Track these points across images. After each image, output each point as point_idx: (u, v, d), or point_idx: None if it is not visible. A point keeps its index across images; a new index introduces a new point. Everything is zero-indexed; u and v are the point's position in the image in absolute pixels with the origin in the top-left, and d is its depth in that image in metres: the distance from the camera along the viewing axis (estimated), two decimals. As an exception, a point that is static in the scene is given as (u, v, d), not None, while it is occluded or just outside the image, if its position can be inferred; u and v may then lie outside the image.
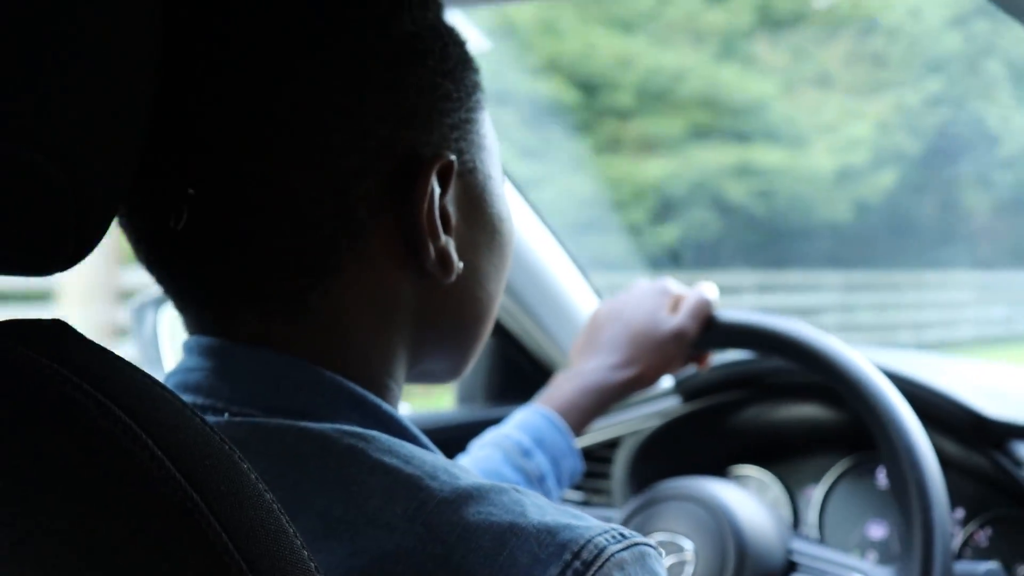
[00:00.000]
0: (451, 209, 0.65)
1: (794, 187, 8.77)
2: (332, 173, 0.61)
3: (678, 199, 8.38)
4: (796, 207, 8.95)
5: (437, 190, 0.62)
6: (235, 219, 0.61)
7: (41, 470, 0.44)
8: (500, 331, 1.48)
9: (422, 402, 0.64)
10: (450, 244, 0.64)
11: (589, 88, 8.02)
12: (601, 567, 0.53)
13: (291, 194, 0.61)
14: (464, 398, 1.59)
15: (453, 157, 0.64)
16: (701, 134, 8.36)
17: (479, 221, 0.69)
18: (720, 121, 8.54)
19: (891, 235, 9.06)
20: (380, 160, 0.62)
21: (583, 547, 0.54)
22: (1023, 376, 1.32)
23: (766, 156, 8.36)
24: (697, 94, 8.27)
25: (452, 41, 0.66)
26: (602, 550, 0.54)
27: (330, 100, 0.61)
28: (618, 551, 0.55)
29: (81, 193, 0.49)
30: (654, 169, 8.33)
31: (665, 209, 8.30)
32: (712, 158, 8.44)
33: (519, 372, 1.52)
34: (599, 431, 1.34)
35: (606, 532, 0.56)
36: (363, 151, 0.61)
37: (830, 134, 8.82)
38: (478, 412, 1.48)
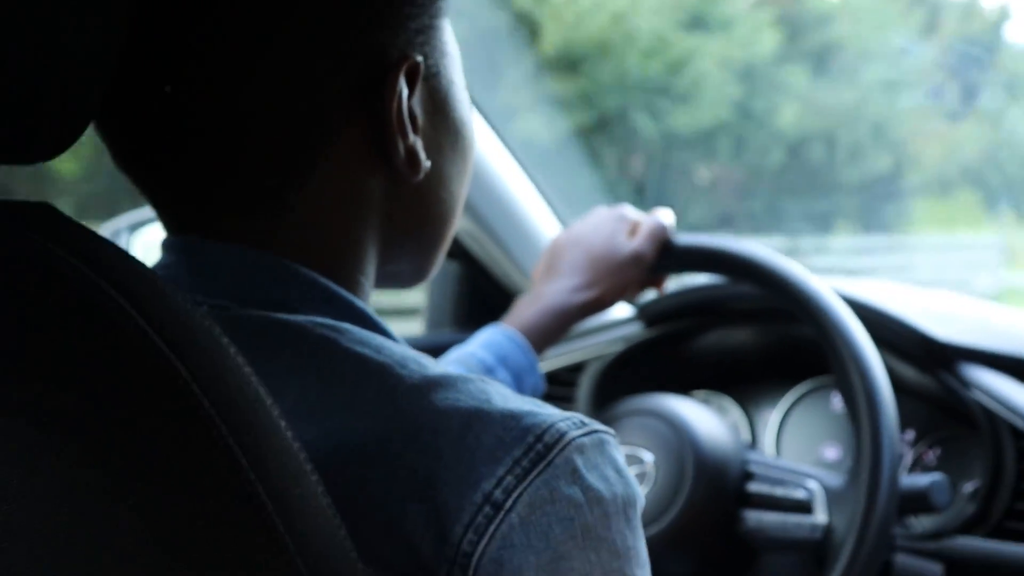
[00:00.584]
0: (417, 111, 0.67)
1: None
2: (304, 74, 0.63)
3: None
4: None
5: (405, 91, 0.65)
6: (212, 117, 0.63)
7: (32, 342, 0.45)
8: (466, 257, 1.53)
9: (394, 328, 0.66)
10: (418, 143, 0.66)
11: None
12: (562, 450, 0.55)
13: (265, 94, 0.63)
14: (433, 324, 1.63)
15: (420, 59, 0.66)
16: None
17: (443, 123, 0.71)
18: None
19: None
20: (350, 62, 0.64)
21: (545, 431, 0.55)
22: (971, 303, 1.36)
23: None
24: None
25: None
26: (563, 434, 0.55)
27: (301, 6, 0.63)
28: (578, 436, 0.56)
29: (62, 85, 0.51)
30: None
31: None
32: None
33: (486, 299, 1.55)
34: (563, 355, 1.39)
35: (567, 419, 0.57)
36: (333, 54, 0.64)
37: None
38: (447, 336, 1.49)
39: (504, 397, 0.59)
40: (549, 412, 0.58)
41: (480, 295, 1.59)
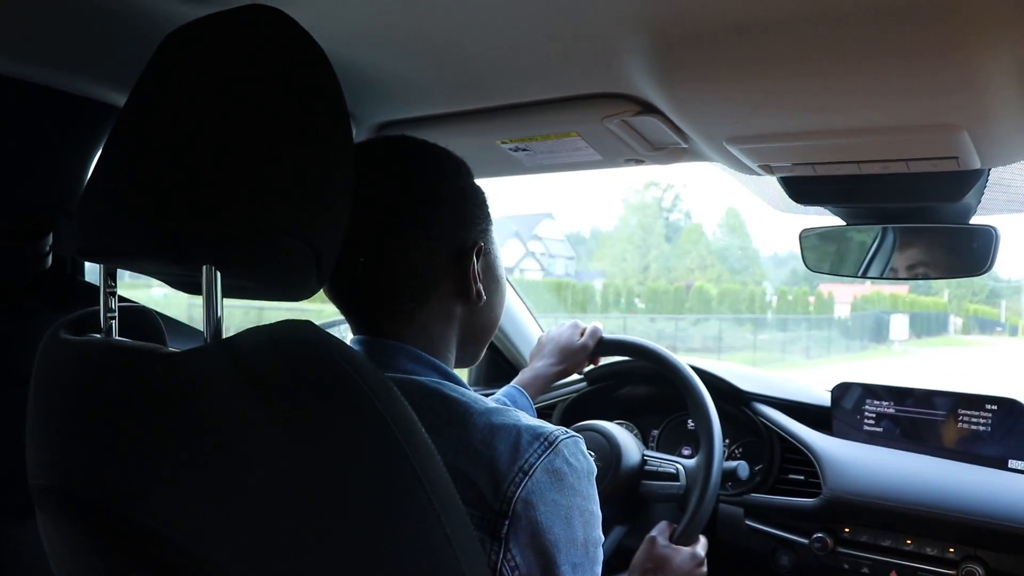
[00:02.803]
0: (479, 269, 0.93)
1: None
2: (426, 254, 0.90)
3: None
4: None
5: (476, 260, 0.92)
6: (380, 273, 0.89)
7: (309, 403, 0.62)
8: (492, 348, 2.05)
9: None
10: (481, 287, 0.94)
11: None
12: (557, 444, 0.81)
13: (408, 263, 0.89)
14: (473, 383, 2.12)
15: (483, 244, 0.94)
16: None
17: (492, 276, 0.98)
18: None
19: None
20: (450, 246, 0.91)
21: (548, 435, 0.82)
22: (757, 372, 1.87)
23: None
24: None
25: (477, 190, 0.97)
26: (558, 436, 0.82)
27: (431, 218, 0.89)
28: (564, 437, 0.83)
29: (320, 259, 0.73)
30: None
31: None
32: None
33: (502, 369, 2.08)
34: (546, 400, 1.92)
35: (559, 430, 0.84)
36: (442, 242, 0.90)
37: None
38: (482, 389, 1.71)
39: (527, 419, 0.84)
40: (552, 426, 0.84)
41: (498, 367, 2.09)
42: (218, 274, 0.69)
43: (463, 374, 1.00)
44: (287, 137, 0.70)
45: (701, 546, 1.39)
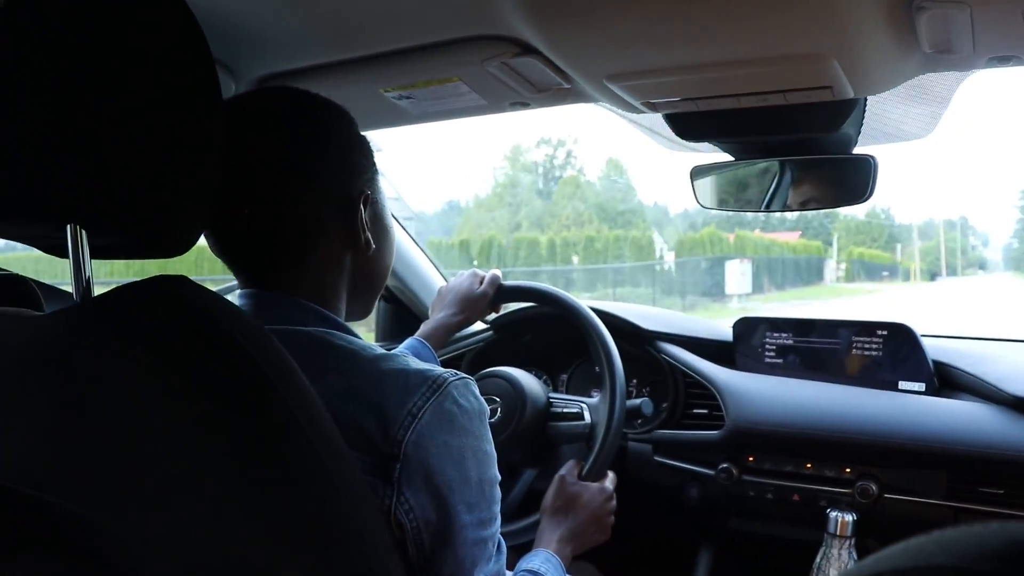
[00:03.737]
0: (366, 218, 0.93)
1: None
2: (316, 203, 0.89)
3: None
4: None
5: (363, 209, 0.93)
6: (266, 225, 0.88)
7: (183, 354, 0.61)
8: (396, 300, 2.05)
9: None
10: (370, 235, 0.94)
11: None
12: (446, 386, 0.82)
13: (294, 213, 0.88)
14: (380, 338, 2.13)
15: (369, 192, 0.94)
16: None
17: (379, 224, 0.98)
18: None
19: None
20: (336, 195, 0.91)
21: (437, 377, 0.83)
22: (658, 311, 1.90)
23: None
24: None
25: (362, 139, 0.96)
26: (446, 379, 0.83)
27: (314, 169, 0.89)
28: (453, 379, 0.84)
29: (189, 214, 0.73)
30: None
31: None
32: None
33: (405, 322, 2.08)
34: (452, 351, 1.93)
35: (449, 372, 0.85)
36: (328, 191, 0.90)
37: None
38: (387, 344, 1.86)
39: (417, 363, 0.85)
40: (441, 370, 0.85)
41: (400, 319, 2.09)
42: (83, 232, 0.67)
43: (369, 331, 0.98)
44: (146, 92, 0.68)
45: (609, 481, 1.41)
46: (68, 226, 0.68)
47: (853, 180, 1.18)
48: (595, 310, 1.59)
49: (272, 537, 0.61)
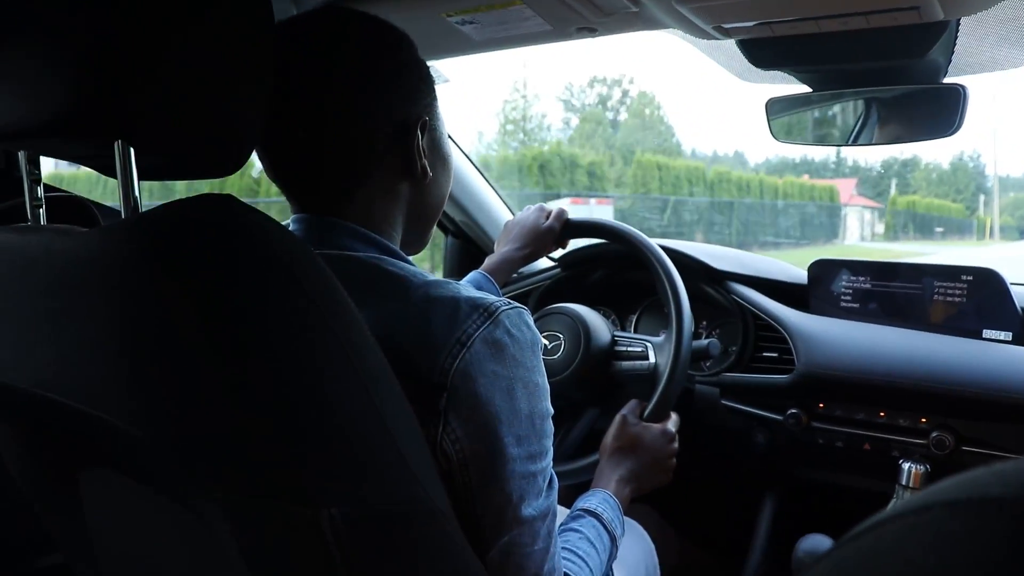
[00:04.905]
0: (423, 145, 0.91)
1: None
2: (373, 128, 0.87)
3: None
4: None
5: (420, 136, 0.90)
6: (320, 149, 0.87)
7: (234, 273, 0.60)
8: (461, 235, 2.04)
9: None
10: (426, 163, 0.92)
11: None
12: (497, 315, 0.80)
13: (347, 140, 0.87)
14: (447, 273, 2.13)
15: (427, 118, 0.92)
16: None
17: (437, 152, 0.96)
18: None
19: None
20: (393, 120, 0.89)
21: (488, 306, 0.80)
22: (731, 252, 1.84)
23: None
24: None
25: (421, 64, 0.93)
26: (498, 307, 0.80)
27: (371, 93, 0.87)
28: (506, 308, 0.81)
29: (240, 134, 0.72)
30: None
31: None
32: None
33: (471, 256, 2.07)
34: (518, 288, 1.91)
35: (501, 301, 0.81)
36: (384, 116, 0.88)
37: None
38: (453, 277, 1.86)
39: (469, 290, 0.82)
40: (493, 298, 0.81)
41: (469, 255, 2.07)
42: (131, 150, 0.66)
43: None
44: (196, 8, 0.66)
45: (672, 423, 1.37)
46: (115, 143, 0.66)
47: (940, 112, 1.10)
48: (665, 248, 1.55)
49: (315, 461, 0.60)
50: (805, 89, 1.25)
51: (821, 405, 1.53)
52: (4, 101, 0.71)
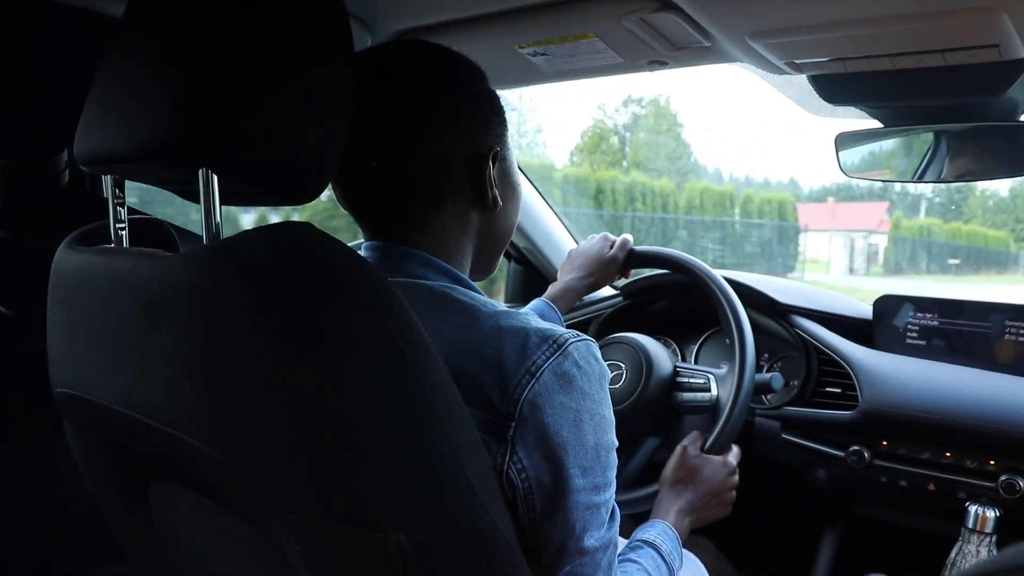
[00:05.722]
0: (494, 175, 0.92)
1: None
2: (445, 158, 0.88)
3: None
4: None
5: (491, 165, 0.91)
6: (394, 179, 0.88)
7: (318, 299, 0.61)
8: (526, 262, 2.06)
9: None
10: (497, 193, 0.93)
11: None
12: (566, 347, 0.80)
13: (422, 168, 0.88)
14: (509, 300, 2.15)
15: (499, 149, 0.93)
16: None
17: (507, 181, 0.97)
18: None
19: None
20: (466, 151, 0.90)
21: (558, 338, 0.80)
22: (795, 285, 1.82)
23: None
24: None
25: (493, 95, 0.94)
26: (568, 340, 0.80)
27: (444, 124, 0.88)
28: (575, 341, 0.81)
29: (319, 164, 0.74)
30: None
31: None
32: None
33: (534, 283, 2.07)
34: (580, 316, 1.91)
35: (571, 333, 0.82)
36: (458, 147, 0.89)
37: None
38: (516, 306, 1.88)
39: (538, 322, 0.82)
40: (563, 330, 0.82)
41: (532, 282, 2.08)
42: (215, 178, 0.68)
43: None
44: (279, 41, 0.69)
45: (733, 455, 1.36)
46: (200, 170, 0.69)
47: (1015, 150, 1.08)
48: (728, 280, 1.54)
49: (383, 486, 0.61)
50: (875, 124, 1.23)
51: (885, 443, 1.50)
52: (96, 130, 0.74)
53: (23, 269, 1.17)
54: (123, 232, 0.83)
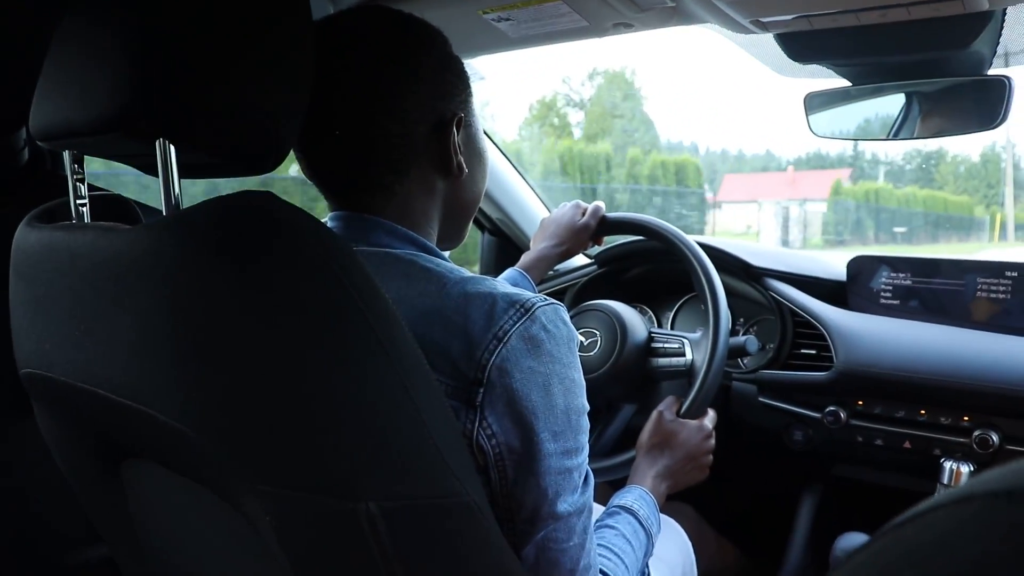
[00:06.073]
0: (459, 141, 0.92)
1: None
2: (408, 124, 0.88)
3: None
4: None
5: (456, 132, 0.91)
6: (357, 147, 0.87)
7: (275, 262, 0.61)
8: (499, 232, 2.05)
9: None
10: (462, 159, 0.92)
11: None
12: (533, 311, 0.79)
13: (384, 134, 0.87)
14: (483, 271, 2.13)
15: (463, 115, 0.92)
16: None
17: (472, 148, 0.97)
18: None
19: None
20: (429, 117, 0.89)
21: (525, 302, 0.80)
22: (769, 248, 1.86)
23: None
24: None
25: (456, 61, 0.94)
26: (535, 304, 0.80)
27: (407, 89, 0.87)
28: (542, 304, 0.81)
29: (278, 133, 0.73)
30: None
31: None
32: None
33: (508, 254, 2.06)
34: (555, 285, 1.91)
35: (538, 297, 0.82)
36: (422, 113, 0.89)
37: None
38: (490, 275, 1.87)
39: (505, 287, 0.82)
40: (529, 294, 0.81)
41: (506, 253, 2.08)
42: (172, 148, 0.67)
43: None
44: (235, 9, 0.68)
45: (709, 419, 1.36)
46: (157, 142, 0.68)
47: (985, 104, 1.08)
48: (702, 245, 1.53)
49: (350, 454, 0.60)
50: (844, 83, 1.23)
51: (860, 403, 1.51)
52: (51, 103, 0.73)
53: None
54: (84, 208, 0.82)
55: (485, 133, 1.00)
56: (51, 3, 1.12)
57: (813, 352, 1.59)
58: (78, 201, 0.82)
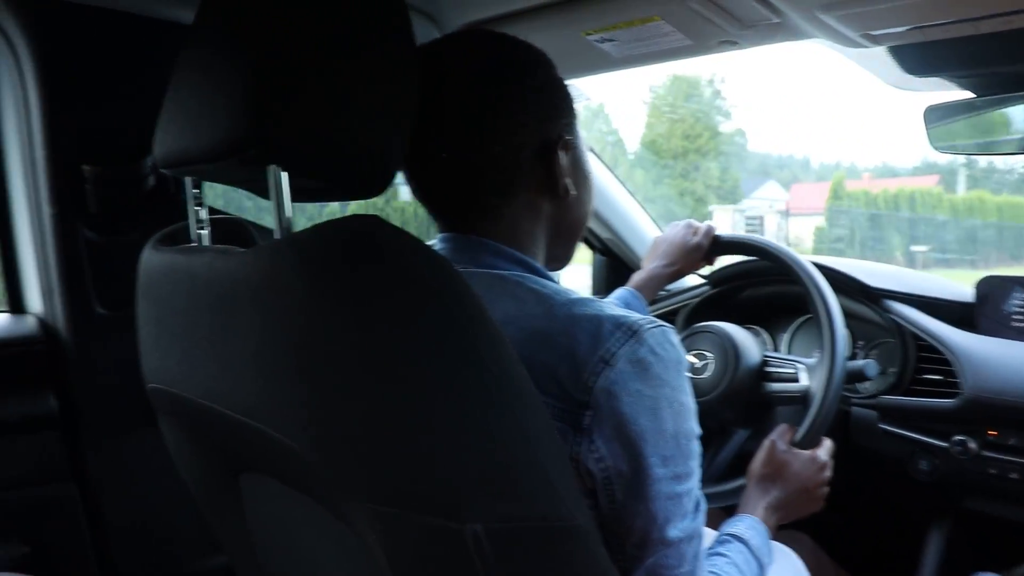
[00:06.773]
0: (565, 164, 0.92)
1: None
2: (514, 147, 0.88)
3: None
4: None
5: (562, 154, 0.91)
6: (463, 170, 0.88)
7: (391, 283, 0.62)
8: (609, 252, 2.05)
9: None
10: (568, 181, 0.92)
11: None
12: (639, 333, 0.79)
13: (490, 157, 0.87)
14: (594, 291, 2.13)
15: (569, 137, 0.92)
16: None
17: (579, 171, 0.97)
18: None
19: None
20: (536, 140, 0.89)
21: (630, 325, 0.79)
22: (889, 268, 1.75)
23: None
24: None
25: (560, 83, 0.94)
26: (642, 326, 0.79)
27: (512, 112, 0.88)
28: (650, 327, 0.80)
29: (385, 158, 0.76)
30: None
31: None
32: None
33: (619, 274, 2.03)
34: (667, 306, 1.90)
35: (645, 319, 0.80)
36: (529, 136, 0.89)
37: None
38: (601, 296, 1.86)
39: (612, 308, 0.81)
40: (637, 316, 0.80)
41: (617, 273, 2.06)
42: (284, 175, 0.70)
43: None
44: (341, 37, 0.71)
45: (824, 450, 1.29)
46: (269, 168, 0.70)
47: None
48: (818, 265, 1.48)
49: (456, 475, 0.61)
50: (967, 95, 1.17)
51: (992, 432, 1.42)
52: (172, 132, 0.78)
53: (116, 270, 1.22)
54: (202, 232, 0.86)
55: (592, 151, 1.00)
56: (171, 37, 1.17)
57: (939, 377, 1.51)
58: (197, 225, 0.86)
